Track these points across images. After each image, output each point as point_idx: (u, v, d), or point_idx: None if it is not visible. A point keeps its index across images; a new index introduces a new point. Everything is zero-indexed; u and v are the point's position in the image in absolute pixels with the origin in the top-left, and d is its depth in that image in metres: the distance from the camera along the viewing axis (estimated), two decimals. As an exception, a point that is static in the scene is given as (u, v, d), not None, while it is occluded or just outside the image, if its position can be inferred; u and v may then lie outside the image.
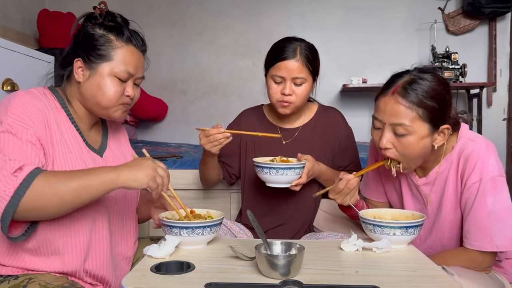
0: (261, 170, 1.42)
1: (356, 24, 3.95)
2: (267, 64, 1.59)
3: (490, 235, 1.22)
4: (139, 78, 1.25)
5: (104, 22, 1.21)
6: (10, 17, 3.21)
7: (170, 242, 1.09)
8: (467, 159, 1.26)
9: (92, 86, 1.17)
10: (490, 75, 3.80)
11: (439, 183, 1.34)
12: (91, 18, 1.22)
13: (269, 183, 1.44)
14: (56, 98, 1.20)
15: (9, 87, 1.72)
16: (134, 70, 1.21)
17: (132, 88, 1.22)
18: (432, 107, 1.21)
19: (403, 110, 1.21)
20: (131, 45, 1.21)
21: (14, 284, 1.04)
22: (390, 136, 1.25)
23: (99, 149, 1.27)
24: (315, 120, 1.69)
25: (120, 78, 1.18)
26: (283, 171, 1.39)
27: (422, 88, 1.21)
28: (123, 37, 1.20)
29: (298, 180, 1.45)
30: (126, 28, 1.22)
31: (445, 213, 1.34)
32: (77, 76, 1.19)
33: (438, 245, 1.39)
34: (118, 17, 1.24)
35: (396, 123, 1.22)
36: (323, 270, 1.02)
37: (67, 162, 1.12)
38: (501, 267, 1.38)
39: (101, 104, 1.19)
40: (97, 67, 1.17)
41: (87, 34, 1.19)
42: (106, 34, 1.19)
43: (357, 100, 3.97)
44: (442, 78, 1.27)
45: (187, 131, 3.98)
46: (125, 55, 1.19)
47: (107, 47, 1.17)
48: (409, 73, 1.26)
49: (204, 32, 4.03)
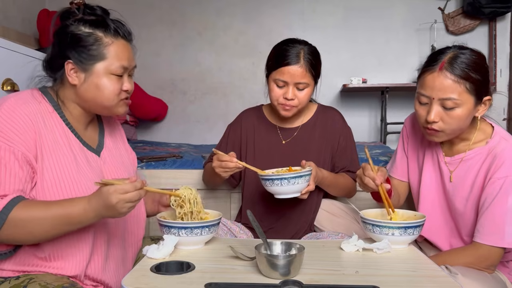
0: (271, 183, 1.36)
1: (356, 24, 3.95)
2: (269, 67, 1.58)
3: (503, 232, 1.24)
4: (132, 69, 1.23)
5: (84, 17, 1.17)
6: (10, 17, 3.21)
7: (168, 242, 1.09)
8: (496, 155, 1.29)
9: (91, 88, 1.16)
10: (490, 75, 3.78)
11: (461, 169, 1.37)
12: (69, 14, 1.18)
13: (279, 195, 1.39)
14: (48, 100, 1.17)
15: (9, 87, 1.72)
16: (128, 62, 1.19)
17: (128, 81, 1.21)
18: (477, 79, 1.26)
19: (451, 85, 1.25)
20: (119, 38, 1.18)
21: (15, 284, 1.04)
22: (438, 110, 1.28)
23: (97, 148, 1.26)
24: (314, 120, 1.69)
25: (117, 74, 1.17)
26: (294, 180, 1.35)
27: (466, 63, 1.25)
28: (110, 31, 1.16)
29: (307, 188, 1.42)
30: (109, 19, 1.19)
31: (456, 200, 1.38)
32: (71, 79, 1.16)
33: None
34: (97, 9, 1.20)
35: (445, 97, 1.26)
36: (323, 270, 1.02)
37: (59, 169, 1.10)
38: (507, 267, 1.40)
39: (103, 104, 1.18)
40: (91, 68, 1.15)
41: (72, 34, 1.15)
42: (93, 32, 1.15)
43: (357, 100, 3.98)
44: (480, 52, 1.32)
45: (187, 131, 3.99)
46: (117, 50, 1.17)
47: (98, 46, 1.15)
48: (450, 49, 1.30)
49: (204, 32, 4.03)
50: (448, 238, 1.44)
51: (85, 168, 1.16)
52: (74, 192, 1.11)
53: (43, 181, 1.08)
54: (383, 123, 3.71)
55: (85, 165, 1.17)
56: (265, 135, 1.68)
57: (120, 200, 0.99)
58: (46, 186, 1.08)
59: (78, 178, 1.12)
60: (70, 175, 1.11)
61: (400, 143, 1.61)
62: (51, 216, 1.01)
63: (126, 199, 1.00)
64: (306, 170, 1.39)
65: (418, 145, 1.53)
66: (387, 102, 3.67)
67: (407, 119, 1.59)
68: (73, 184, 1.11)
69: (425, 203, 1.47)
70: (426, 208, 1.45)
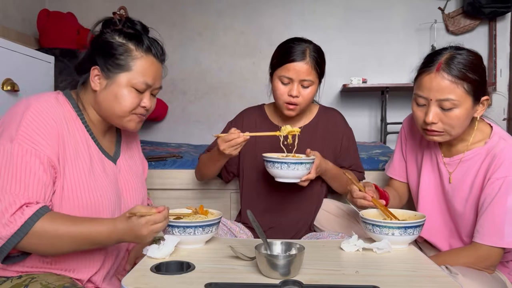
0: (272, 165, 1.42)
1: (356, 24, 3.95)
2: (274, 64, 1.57)
3: (503, 232, 1.24)
4: (156, 89, 1.22)
5: (123, 29, 1.17)
6: (10, 17, 3.21)
7: (169, 242, 1.08)
8: (495, 155, 1.29)
9: (109, 96, 1.15)
10: (490, 75, 3.80)
11: (460, 169, 1.37)
12: (110, 24, 1.19)
13: (278, 178, 1.45)
14: (71, 105, 1.17)
15: (9, 87, 1.72)
16: (152, 81, 1.18)
17: (149, 99, 1.20)
18: (475, 79, 1.25)
19: (449, 85, 1.24)
20: (150, 55, 1.18)
21: (16, 283, 1.04)
22: (436, 111, 1.28)
23: (114, 155, 1.27)
24: (316, 121, 1.69)
25: (138, 89, 1.16)
26: (294, 165, 1.39)
27: (463, 63, 1.25)
28: (143, 46, 1.16)
29: (307, 176, 1.45)
30: (145, 36, 1.19)
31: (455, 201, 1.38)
32: (93, 85, 1.16)
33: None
34: (137, 24, 1.21)
35: (442, 98, 1.25)
36: (323, 270, 1.02)
37: (76, 175, 1.11)
38: (507, 267, 1.40)
39: (116, 113, 1.16)
40: (114, 77, 1.14)
41: (105, 41, 1.16)
42: (126, 43, 1.15)
43: (357, 100, 3.98)
44: (476, 52, 1.32)
45: (187, 131, 3.99)
46: (144, 65, 1.16)
47: (126, 56, 1.14)
48: (446, 50, 1.30)
49: (204, 32, 4.03)
50: (448, 239, 1.44)
51: (101, 175, 1.17)
52: (87, 199, 1.11)
53: (63, 185, 1.09)
54: (383, 123, 3.72)
55: (101, 173, 1.17)
56: (267, 136, 1.67)
57: (150, 232, 1.02)
58: (65, 191, 1.09)
59: (94, 186, 1.13)
60: (86, 182, 1.12)
61: (398, 145, 1.60)
62: (75, 234, 1.02)
63: (156, 230, 1.03)
64: (308, 158, 1.42)
65: (416, 146, 1.53)
66: (387, 102, 3.67)
67: (405, 120, 1.59)
68: (88, 191, 1.11)
69: (424, 204, 1.47)
70: (425, 209, 1.45)
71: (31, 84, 1.90)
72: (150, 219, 1.01)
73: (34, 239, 0.99)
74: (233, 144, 1.41)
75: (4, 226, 0.95)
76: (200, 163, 1.72)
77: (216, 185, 2.05)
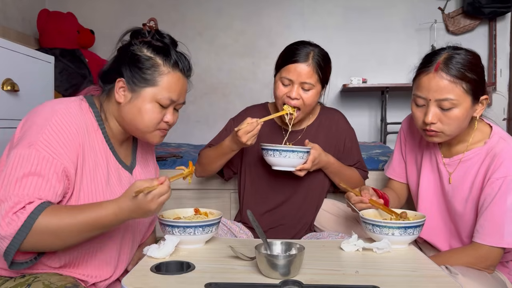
0: (266, 153, 1.48)
1: (356, 24, 3.95)
2: (278, 65, 1.57)
3: (503, 232, 1.24)
4: (180, 104, 1.22)
5: (152, 42, 1.17)
6: (10, 17, 3.21)
7: (169, 242, 1.09)
8: (495, 155, 1.29)
9: (133, 110, 1.14)
10: (490, 75, 3.81)
11: (460, 170, 1.37)
12: (139, 35, 1.18)
13: (274, 166, 1.49)
14: (94, 114, 1.17)
15: (9, 87, 1.72)
16: (177, 97, 1.18)
17: (172, 114, 1.19)
18: (473, 79, 1.25)
19: (447, 85, 1.24)
20: (177, 70, 1.17)
21: (19, 282, 1.04)
22: (435, 111, 1.28)
23: (130, 165, 1.26)
24: (318, 121, 1.69)
25: (162, 105, 1.15)
26: (286, 153, 1.44)
27: (462, 63, 1.25)
28: (170, 61, 1.15)
29: (302, 165, 1.47)
30: (173, 50, 1.18)
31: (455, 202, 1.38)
32: (117, 96, 1.15)
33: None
34: (166, 37, 1.20)
35: (441, 98, 1.25)
36: (323, 270, 1.02)
37: (92, 185, 1.10)
38: (506, 267, 1.40)
39: (139, 128, 1.16)
40: (140, 91, 1.13)
41: (133, 54, 1.15)
42: (154, 57, 1.14)
43: (357, 100, 3.98)
44: (474, 51, 1.31)
45: (187, 131, 3.99)
46: (171, 81, 1.15)
47: (153, 71, 1.13)
48: (444, 50, 1.30)
49: (204, 32, 4.03)
50: (448, 239, 1.44)
51: (116, 185, 1.17)
52: None
53: (79, 196, 1.08)
54: (383, 123, 3.72)
55: (116, 183, 1.17)
56: (270, 135, 1.66)
57: (159, 205, 1.02)
58: (80, 202, 1.08)
59: (109, 196, 1.13)
60: (102, 194, 1.12)
61: (398, 145, 1.60)
62: (80, 222, 1.00)
63: (163, 201, 1.02)
64: (302, 148, 1.46)
65: (416, 147, 1.53)
66: (387, 102, 3.67)
67: (404, 121, 1.59)
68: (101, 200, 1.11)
69: (424, 205, 1.47)
70: (425, 210, 1.45)
71: (31, 84, 1.90)
72: (155, 193, 1.00)
73: (39, 235, 0.97)
74: (255, 132, 1.45)
75: (7, 224, 0.94)
76: (203, 158, 1.69)
77: (216, 185, 2.05)
